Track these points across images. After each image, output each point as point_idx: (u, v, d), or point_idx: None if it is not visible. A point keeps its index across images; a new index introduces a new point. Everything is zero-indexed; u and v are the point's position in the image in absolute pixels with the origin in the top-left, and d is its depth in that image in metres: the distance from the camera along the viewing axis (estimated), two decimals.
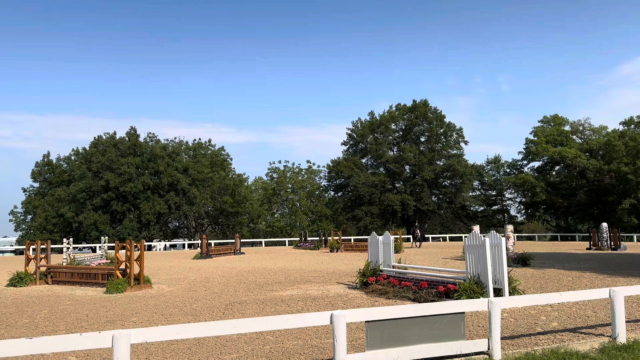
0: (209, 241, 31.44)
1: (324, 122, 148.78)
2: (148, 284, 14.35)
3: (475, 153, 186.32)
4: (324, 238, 37.95)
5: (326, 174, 67.15)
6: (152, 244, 49.43)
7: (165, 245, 53.90)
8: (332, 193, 67.55)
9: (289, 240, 51.45)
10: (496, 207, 69.33)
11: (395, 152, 62.66)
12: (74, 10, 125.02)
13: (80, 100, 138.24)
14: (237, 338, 7.53)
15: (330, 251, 33.02)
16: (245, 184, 65.39)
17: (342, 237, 34.68)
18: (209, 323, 5.35)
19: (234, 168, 65.15)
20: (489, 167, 71.21)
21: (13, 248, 51.69)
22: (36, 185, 59.08)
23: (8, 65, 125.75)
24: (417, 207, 57.73)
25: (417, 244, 37.82)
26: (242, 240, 36.24)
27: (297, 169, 71.31)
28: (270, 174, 71.53)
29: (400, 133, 63.16)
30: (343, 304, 10.61)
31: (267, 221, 68.15)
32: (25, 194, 58.81)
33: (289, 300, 11.38)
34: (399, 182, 61.65)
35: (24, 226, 57.63)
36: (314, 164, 71.34)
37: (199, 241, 36.09)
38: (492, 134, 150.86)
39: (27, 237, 52.14)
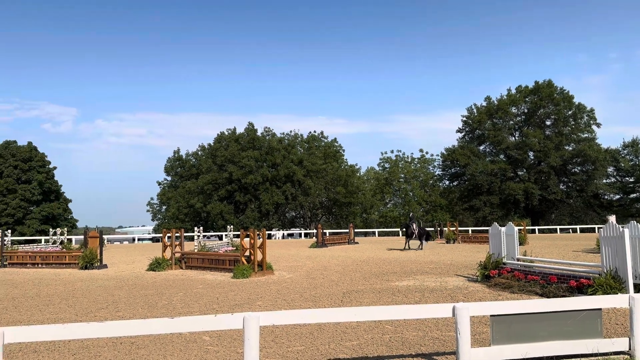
0: (324, 230, 32.22)
1: (437, 110, 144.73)
2: (270, 270, 15.08)
3: (609, 136, 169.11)
4: (439, 229, 37.02)
5: (440, 163, 65.28)
6: (272, 232, 51.91)
7: (284, 234, 56.25)
8: (447, 182, 65.52)
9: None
10: (634, 195, 62.37)
11: (516, 138, 59.03)
12: (207, 18, 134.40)
13: (206, 100, 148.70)
14: (357, 326, 7.62)
15: (447, 242, 32.11)
16: (358, 174, 65.80)
17: (459, 228, 33.51)
18: (330, 310, 5.48)
19: (346, 159, 65.93)
20: (625, 151, 64.10)
21: (151, 236, 57.30)
22: (169, 178, 64.96)
23: (144, 72, 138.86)
24: (543, 196, 53.95)
25: (417, 243, 27.17)
26: (355, 230, 36.60)
27: (409, 158, 70.18)
28: (382, 163, 71.23)
29: (522, 117, 59.33)
30: (464, 297, 10.26)
31: (380, 211, 68.05)
32: (160, 187, 64.99)
33: (406, 290, 11.27)
34: (521, 169, 58.01)
35: (159, 216, 63.73)
36: (427, 153, 69.70)
37: (315, 230, 37.12)
38: (630, 115, 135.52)
39: (162, 226, 57.53)
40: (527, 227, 34.53)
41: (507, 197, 54.47)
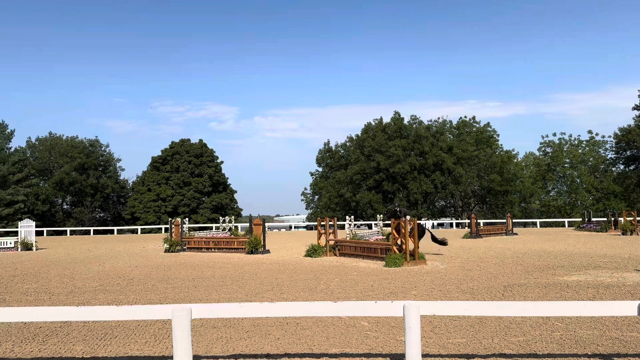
0: (478, 220, 30.81)
1: (608, 85, 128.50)
2: (422, 260, 14.89)
3: None
4: (613, 219, 33.02)
5: (613, 145, 58.13)
6: (421, 222, 51.15)
7: (433, 223, 55.19)
8: (622, 166, 58.18)
9: (568, 221, 46.43)
10: None
11: None
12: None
13: (353, 92, 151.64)
14: (522, 321, 7.15)
15: (622, 234, 28.53)
16: (515, 160, 61.68)
17: (638, 218, 29.49)
18: (496, 303, 5.21)
19: (501, 144, 62.25)
20: None
21: (305, 224, 60.46)
22: (320, 169, 67.77)
23: (295, 70, 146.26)
24: None
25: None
26: (513, 221, 34.38)
27: (575, 141, 63.63)
28: (543, 148, 65.71)
29: None
30: None
31: (541, 200, 62.94)
32: (312, 177, 68.14)
33: (576, 286, 10.27)
34: None
35: (312, 205, 66.93)
36: (596, 135, 62.52)
37: (467, 220, 35.73)
38: None
39: (315, 214, 60.31)
40: None
41: None
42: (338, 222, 20.15)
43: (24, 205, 50.72)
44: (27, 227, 26.39)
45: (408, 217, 17.72)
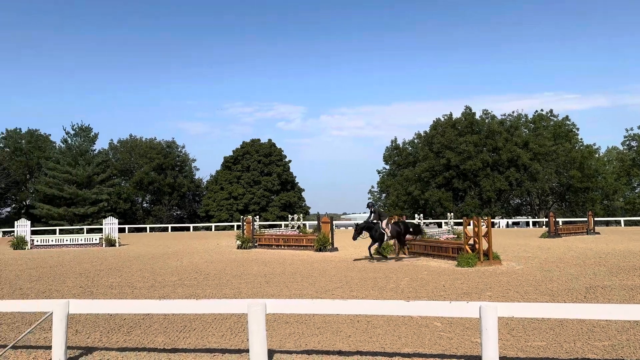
0: (556, 219, 29.27)
1: None
2: (497, 260, 14.37)
3: None
4: None
5: None
6: (494, 220, 49.43)
7: (507, 222, 53.13)
8: None
9: None
10: None
11: None
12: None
13: (420, 88, 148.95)
14: (606, 324, 6.73)
15: None
16: (596, 155, 58.04)
17: None
18: (577, 305, 4.93)
19: (581, 139, 58.88)
20: None
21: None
22: (387, 167, 67.12)
23: (361, 68, 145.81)
24: None
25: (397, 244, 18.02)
26: (594, 219, 32.37)
27: None
28: (627, 142, 61.34)
29: None
30: None
31: (626, 197, 58.79)
32: (379, 175, 67.63)
33: None
34: None
35: (379, 203, 66.39)
36: None
37: (545, 219, 34.03)
38: None
39: None
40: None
41: None
42: (407, 221, 19.86)
43: (107, 203, 54.15)
44: (110, 224, 28.15)
45: (384, 222, 16.25)
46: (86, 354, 5.88)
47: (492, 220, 49.15)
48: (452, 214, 26.60)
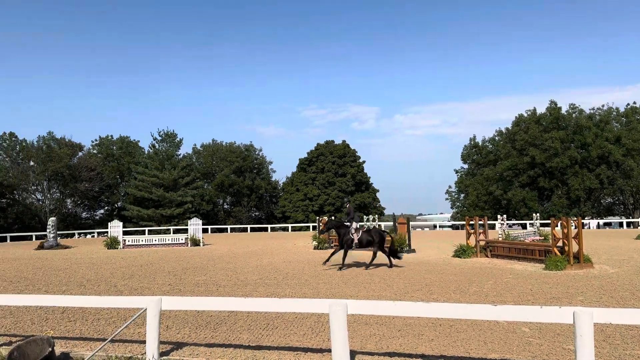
0: None
1: None
2: (589, 263, 13.48)
3: None
4: None
5: None
6: (584, 221, 46.41)
7: (598, 223, 49.75)
8: None
9: None
10: None
11: None
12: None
13: (500, 82, 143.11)
14: None
15: None
16: None
17: None
18: None
19: None
20: None
21: (450, 223, 58.51)
22: (465, 166, 65.02)
23: (434, 65, 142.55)
24: None
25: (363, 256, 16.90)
26: None
27: None
28: None
29: None
30: None
31: None
32: (457, 175, 65.67)
33: None
34: None
35: (458, 203, 64.49)
36: None
37: None
38: None
39: (460, 213, 58.03)
40: None
41: None
42: (488, 222, 19.13)
43: (192, 205, 56.84)
44: (195, 225, 29.51)
45: (355, 227, 14.39)
46: (177, 349, 6.20)
47: (582, 220, 46.42)
48: (537, 214, 25.33)
